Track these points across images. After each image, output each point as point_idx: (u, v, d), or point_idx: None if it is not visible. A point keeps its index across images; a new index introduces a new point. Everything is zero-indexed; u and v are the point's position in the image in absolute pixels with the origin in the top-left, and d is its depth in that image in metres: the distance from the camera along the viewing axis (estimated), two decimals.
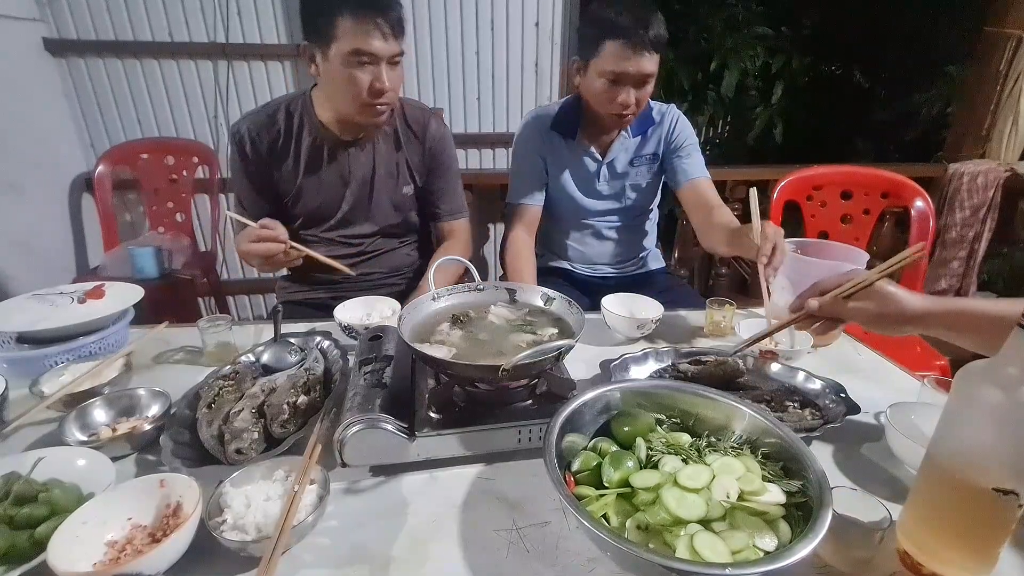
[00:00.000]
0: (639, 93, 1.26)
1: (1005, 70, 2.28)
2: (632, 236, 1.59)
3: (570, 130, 1.42)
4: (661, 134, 1.45)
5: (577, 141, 1.43)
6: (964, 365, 0.55)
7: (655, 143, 1.45)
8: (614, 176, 1.47)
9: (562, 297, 0.92)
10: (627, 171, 1.46)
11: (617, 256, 1.59)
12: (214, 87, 2.25)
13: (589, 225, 1.54)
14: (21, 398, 0.87)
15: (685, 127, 1.45)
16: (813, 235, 1.88)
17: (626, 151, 1.45)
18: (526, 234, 1.46)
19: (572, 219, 1.54)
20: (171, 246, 2.11)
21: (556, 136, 1.43)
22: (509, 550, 0.62)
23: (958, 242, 2.48)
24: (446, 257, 1.05)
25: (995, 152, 2.41)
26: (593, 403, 0.70)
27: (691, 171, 1.43)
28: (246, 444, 0.71)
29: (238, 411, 0.76)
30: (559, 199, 1.50)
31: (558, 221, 1.55)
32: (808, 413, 0.82)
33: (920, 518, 0.59)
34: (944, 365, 1.55)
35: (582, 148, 1.44)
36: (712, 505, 0.56)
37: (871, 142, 4.35)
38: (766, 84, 4.02)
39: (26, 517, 0.59)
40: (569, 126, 1.42)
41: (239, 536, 0.59)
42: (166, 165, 2.22)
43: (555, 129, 1.43)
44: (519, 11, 2.32)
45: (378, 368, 0.82)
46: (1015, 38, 2.24)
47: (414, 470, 0.74)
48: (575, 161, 1.45)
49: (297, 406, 0.79)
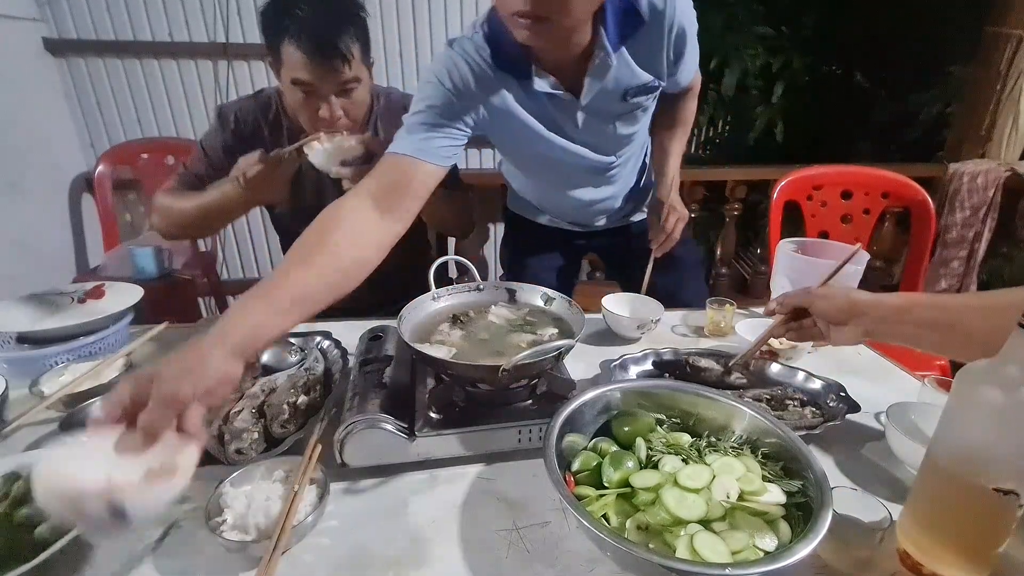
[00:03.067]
0: None
1: (1005, 70, 2.28)
2: (629, 179, 1.27)
3: (522, 67, 0.93)
4: (663, 32, 0.93)
5: (533, 79, 0.94)
6: (964, 365, 0.55)
7: (659, 53, 0.96)
8: (595, 114, 1.02)
9: (562, 297, 0.92)
10: (618, 105, 1.02)
11: (616, 203, 1.28)
12: (214, 87, 2.25)
13: (569, 178, 1.19)
14: (21, 398, 0.87)
15: (684, 15, 0.94)
16: (813, 235, 1.88)
17: (614, 80, 0.96)
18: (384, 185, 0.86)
19: (546, 177, 1.23)
20: (171, 246, 2.11)
21: (506, 79, 0.95)
22: (509, 550, 0.62)
23: (958, 242, 2.48)
24: (446, 257, 1.05)
25: (995, 152, 2.41)
26: (593, 403, 0.70)
27: (682, 79, 1.07)
28: (246, 444, 0.71)
29: (238, 411, 0.76)
30: (518, 160, 1.20)
31: (529, 179, 1.27)
32: (808, 412, 0.82)
33: (920, 518, 0.59)
34: (944, 365, 1.54)
35: (539, 89, 0.95)
36: (712, 505, 0.56)
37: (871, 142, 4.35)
38: (766, 84, 4.02)
39: (26, 517, 0.59)
40: (517, 59, 0.92)
41: (239, 536, 0.59)
42: (166, 165, 2.22)
43: (504, 69, 0.94)
44: None
45: (378, 368, 0.82)
46: (1015, 38, 2.24)
47: (414, 470, 0.74)
48: (529, 104, 0.99)
49: (297, 406, 0.79)
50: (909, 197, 1.78)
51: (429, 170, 0.89)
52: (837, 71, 4.48)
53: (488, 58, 0.93)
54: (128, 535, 0.62)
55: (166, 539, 0.63)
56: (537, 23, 0.77)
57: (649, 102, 1.07)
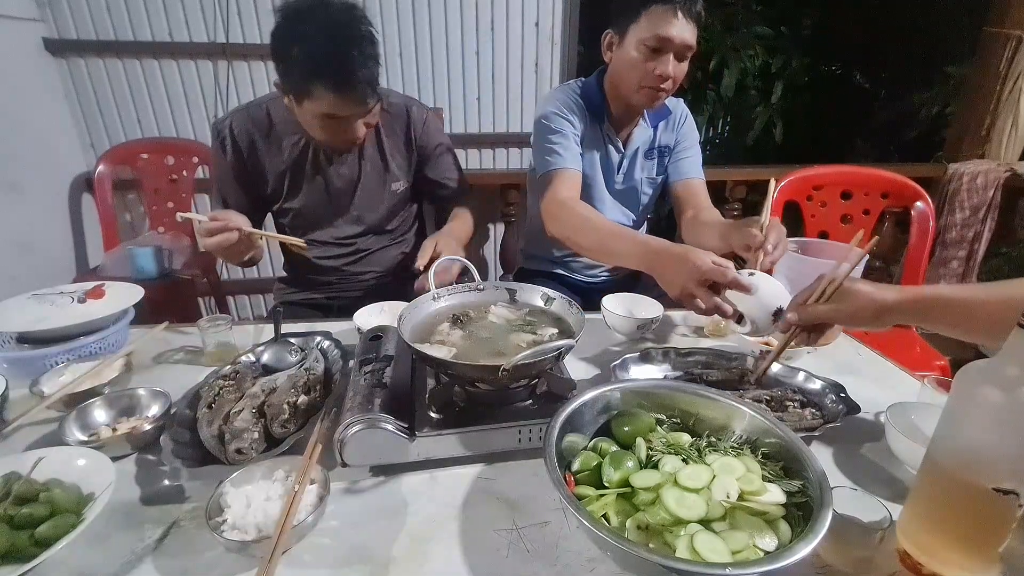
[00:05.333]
0: (678, 67, 1.21)
1: (1005, 70, 2.28)
2: None
3: (598, 113, 1.33)
4: (674, 127, 1.41)
5: (604, 126, 1.35)
6: (964, 365, 0.55)
7: (669, 135, 1.41)
8: (631, 169, 1.41)
9: (562, 297, 0.92)
10: (643, 164, 1.42)
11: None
12: (214, 87, 2.25)
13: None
14: (21, 398, 0.87)
15: (692, 124, 1.44)
16: (813, 235, 1.88)
17: (643, 142, 1.39)
18: (573, 192, 1.25)
19: None
20: (171, 246, 2.11)
21: (587, 115, 1.33)
22: (509, 550, 0.62)
23: (958, 242, 2.48)
24: (446, 258, 1.05)
25: (995, 152, 2.41)
26: (593, 403, 0.70)
27: (690, 170, 1.42)
28: (246, 444, 0.71)
29: (238, 411, 0.76)
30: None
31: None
32: (808, 413, 0.82)
33: (920, 518, 0.59)
34: (944, 365, 1.55)
35: (607, 135, 1.35)
36: (712, 505, 0.56)
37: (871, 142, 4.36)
38: (766, 84, 4.03)
39: (26, 517, 0.59)
40: (597, 108, 1.33)
41: (239, 536, 0.59)
42: (166, 165, 2.22)
43: (588, 108, 1.33)
44: (519, 11, 2.32)
45: (378, 368, 0.82)
46: (1015, 38, 2.24)
47: (414, 470, 0.74)
48: (599, 149, 1.37)
49: (297, 406, 0.79)
50: (909, 197, 1.78)
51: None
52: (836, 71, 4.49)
53: (579, 95, 1.34)
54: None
55: (166, 539, 0.63)
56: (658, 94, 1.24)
57: (658, 165, 1.44)
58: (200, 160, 2.22)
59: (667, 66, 1.19)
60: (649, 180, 1.45)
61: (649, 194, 1.47)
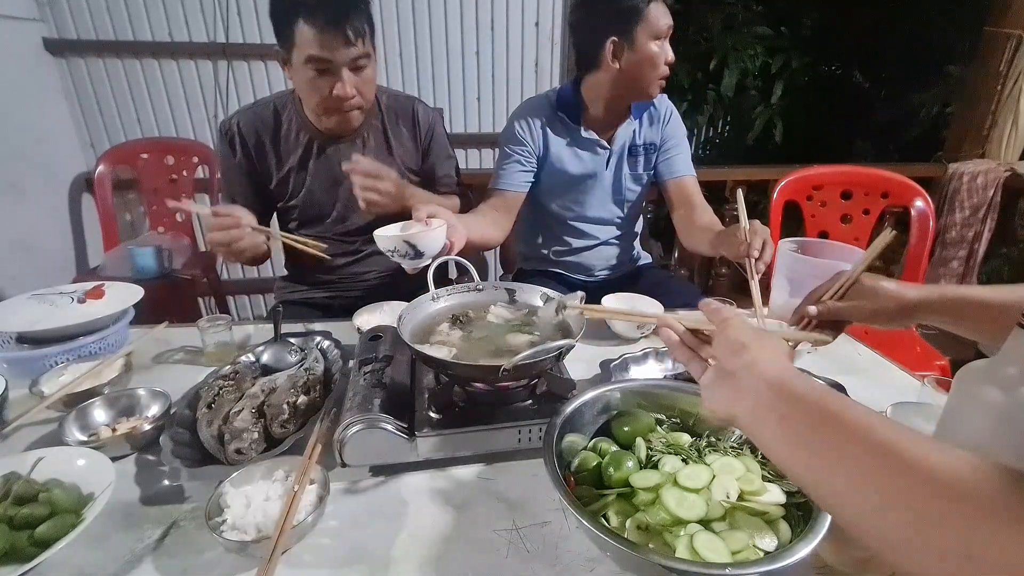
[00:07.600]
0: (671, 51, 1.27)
1: (1005, 70, 2.28)
2: (628, 242, 1.57)
3: (574, 115, 1.35)
4: (659, 123, 1.41)
5: (583, 128, 1.36)
6: (964, 365, 0.55)
7: (656, 132, 1.41)
8: (618, 166, 1.41)
9: (562, 297, 0.92)
10: (628, 161, 1.42)
11: (614, 260, 1.55)
12: (214, 87, 2.25)
13: (586, 233, 1.48)
14: (21, 398, 0.87)
15: (678, 119, 1.44)
16: (813, 235, 1.88)
17: (628, 138, 1.40)
18: (493, 210, 1.35)
19: (566, 223, 1.47)
20: (171, 246, 2.11)
21: (561, 120, 1.36)
22: (509, 550, 0.62)
23: (958, 242, 2.48)
24: (445, 257, 1.04)
25: (995, 152, 2.41)
26: (593, 403, 0.70)
27: (680, 167, 1.42)
28: (246, 444, 0.71)
29: (238, 411, 0.76)
30: (554, 191, 1.43)
31: (551, 226, 1.50)
32: None
33: None
34: (944, 365, 1.54)
35: (587, 136, 1.37)
36: (712, 505, 0.56)
37: (871, 142, 4.35)
38: (766, 84, 4.02)
39: (26, 517, 0.59)
40: (573, 111, 1.35)
41: (239, 536, 0.59)
42: (166, 165, 2.22)
43: (562, 111, 1.35)
44: (519, 11, 2.32)
45: (378, 368, 0.82)
46: (1015, 38, 2.24)
47: (414, 470, 0.74)
48: (582, 150, 1.38)
49: (297, 406, 0.79)
50: (908, 197, 1.78)
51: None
52: (836, 71, 4.49)
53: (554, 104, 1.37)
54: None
55: (166, 539, 0.63)
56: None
57: (644, 162, 1.43)
58: (200, 160, 2.22)
59: (670, 50, 1.25)
60: (634, 176, 1.45)
61: (636, 191, 1.47)
